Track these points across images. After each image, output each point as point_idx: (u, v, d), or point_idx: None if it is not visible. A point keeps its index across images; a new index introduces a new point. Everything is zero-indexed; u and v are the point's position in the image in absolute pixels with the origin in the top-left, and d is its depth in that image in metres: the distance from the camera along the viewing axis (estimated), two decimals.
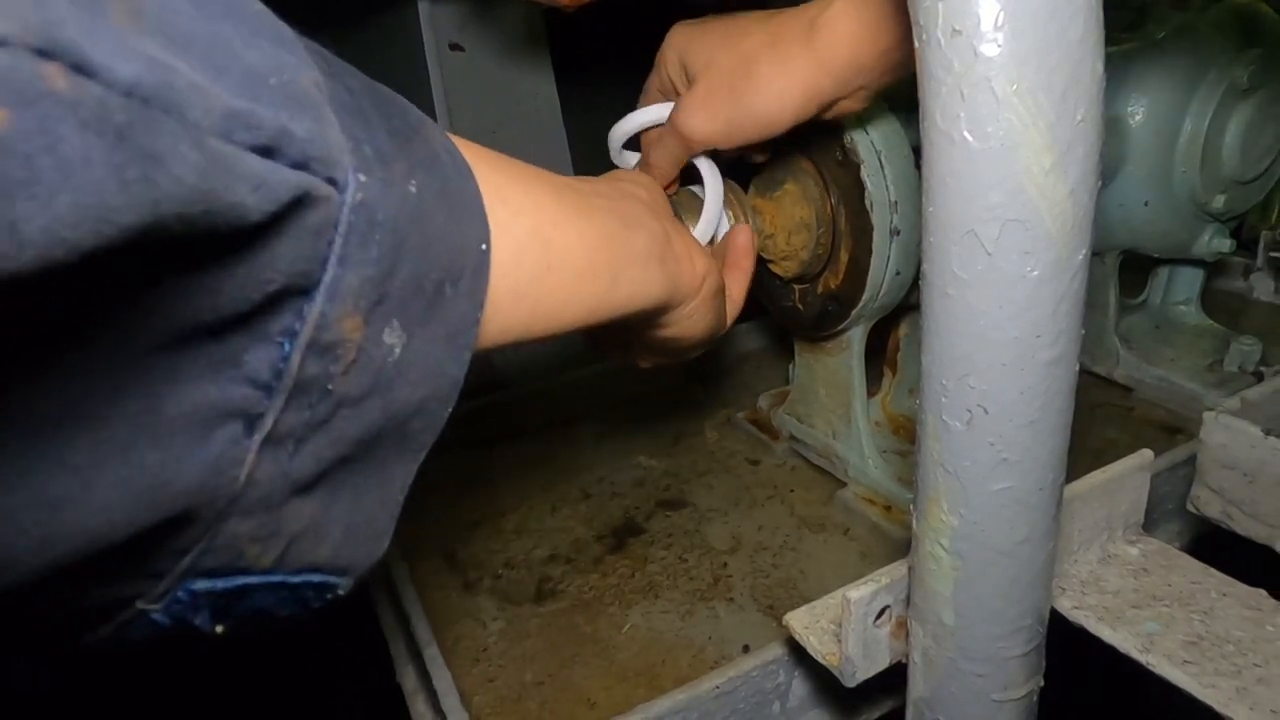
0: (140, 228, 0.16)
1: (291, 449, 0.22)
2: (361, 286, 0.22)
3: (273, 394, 0.21)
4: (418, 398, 0.25)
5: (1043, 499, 0.31)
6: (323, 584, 0.26)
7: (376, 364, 0.23)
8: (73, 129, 0.14)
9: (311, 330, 0.21)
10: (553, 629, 0.57)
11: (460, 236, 0.26)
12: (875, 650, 0.38)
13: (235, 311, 0.20)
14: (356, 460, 0.25)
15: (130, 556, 0.21)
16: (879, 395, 0.73)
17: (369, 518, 0.26)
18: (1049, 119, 0.25)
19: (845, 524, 0.65)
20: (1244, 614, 0.37)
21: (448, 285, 0.25)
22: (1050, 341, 0.28)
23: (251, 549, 0.23)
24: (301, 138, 0.19)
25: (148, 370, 0.19)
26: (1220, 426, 0.45)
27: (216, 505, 0.21)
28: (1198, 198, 0.68)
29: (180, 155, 0.16)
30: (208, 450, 0.21)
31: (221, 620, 0.24)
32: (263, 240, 0.19)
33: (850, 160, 0.57)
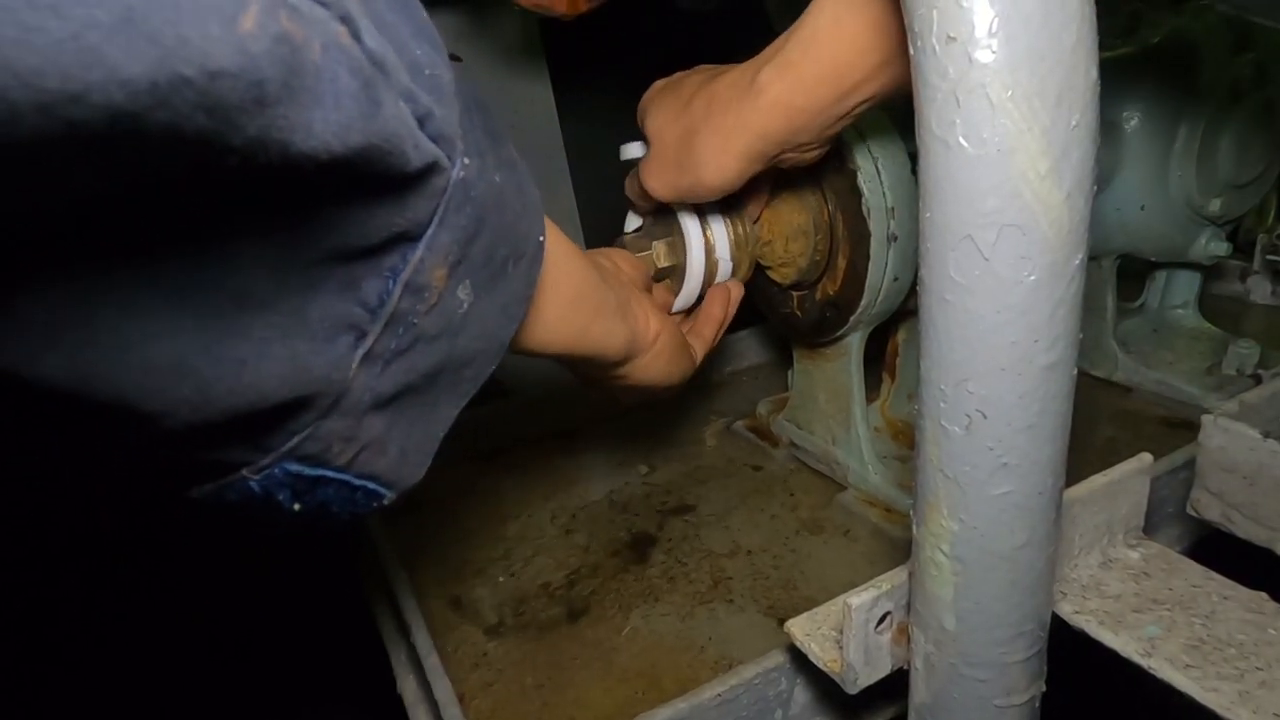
0: (361, 149, 0.22)
1: (379, 368, 0.27)
2: (450, 245, 0.27)
3: (376, 318, 0.26)
4: (474, 350, 0.31)
5: (1042, 503, 0.31)
6: (375, 491, 0.31)
7: (450, 312, 0.28)
8: (345, 71, 0.21)
9: (411, 271, 0.26)
10: (552, 633, 0.57)
11: (526, 226, 0.31)
12: (877, 656, 0.38)
13: (368, 243, 0.25)
14: (419, 391, 0.30)
15: (258, 427, 0.26)
16: (878, 401, 0.73)
17: (417, 444, 0.32)
18: (1044, 124, 0.25)
19: (845, 525, 0.65)
20: (1246, 617, 0.37)
21: (510, 263, 0.31)
22: (1048, 346, 0.28)
23: (336, 446, 0.28)
24: (439, 118, 0.25)
25: (307, 276, 0.24)
26: (1219, 429, 0.45)
27: (328, 398, 0.26)
28: (1194, 201, 0.69)
29: (388, 106, 0.22)
30: (333, 350, 0.26)
31: (298, 501, 0.28)
32: (405, 189, 0.25)
33: (847, 167, 0.57)
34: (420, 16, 0.25)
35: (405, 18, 0.24)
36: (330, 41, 0.20)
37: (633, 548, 0.65)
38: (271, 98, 0.19)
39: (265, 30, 0.18)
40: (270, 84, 0.19)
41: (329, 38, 0.20)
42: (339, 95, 0.21)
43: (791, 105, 0.44)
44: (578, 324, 0.40)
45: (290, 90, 0.19)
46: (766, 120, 0.46)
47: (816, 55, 0.43)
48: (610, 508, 0.70)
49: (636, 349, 0.46)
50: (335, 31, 0.20)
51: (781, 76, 0.44)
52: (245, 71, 0.18)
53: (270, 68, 0.19)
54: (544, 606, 0.59)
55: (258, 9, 0.18)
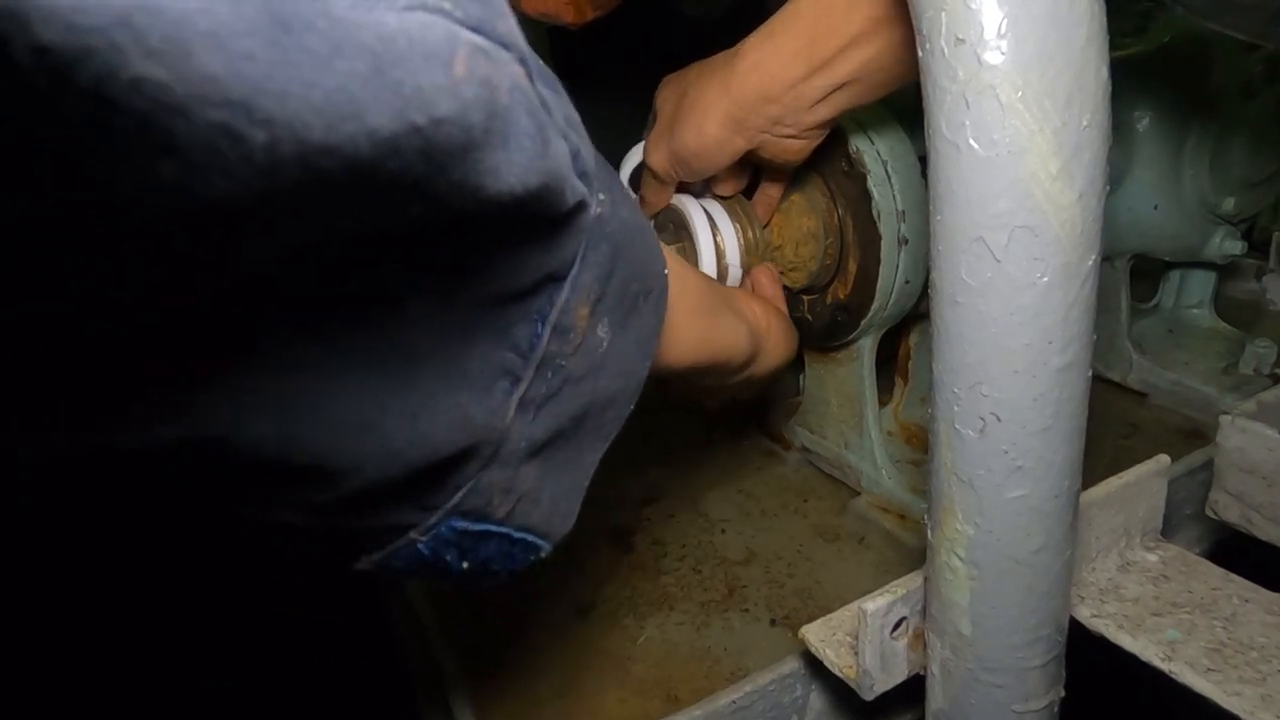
0: (536, 189, 0.22)
1: (532, 414, 0.27)
2: (591, 283, 0.27)
3: (528, 362, 0.26)
4: (614, 388, 0.31)
5: (1059, 506, 0.31)
6: (532, 544, 0.30)
7: (592, 351, 0.28)
8: (524, 113, 0.21)
9: (557, 313, 0.26)
10: (567, 641, 0.57)
11: (652, 260, 0.31)
12: (893, 662, 0.38)
13: (520, 287, 0.25)
14: (567, 437, 0.29)
15: (427, 483, 0.26)
16: (890, 404, 0.73)
17: (566, 493, 0.31)
18: (1055, 125, 0.25)
19: (860, 533, 0.65)
20: (1267, 620, 0.37)
21: (642, 298, 0.30)
22: (1062, 347, 0.28)
23: (496, 498, 0.27)
24: (583, 157, 0.25)
25: (464, 324, 0.24)
26: (1237, 430, 0.45)
27: (490, 447, 0.26)
28: (1207, 200, 0.68)
29: (555, 144, 0.23)
30: (492, 398, 0.25)
31: (464, 559, 0.28)
32: (557, 229, 0.25)
33: (856, 170, 0.57)
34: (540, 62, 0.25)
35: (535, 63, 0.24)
36: (514, 84, 0.20)
37: (645, 553, 0.65)
38: (476, 142, 0.19)
39: (474, 74, 0.19)
40: (476, 129, 0.19)
41: (513, 80, 0.20)
42: (520, 137, 0.21)
43: (766, 71, 0.46)
44: (703, 334, 0.40)
45: (488, 134, 0.19)
46: (741, 84, 0.47)
47: (795, 26, 0.45)
48: (623, 512, 0.70)
49: (758, 342, 0.45)
50: (517, 74, 0.21)
51: (761, 44, 0.47)
52: (460, 116, 0.18)
53: (476, 111, 0.19)
54: (558, 614, 0.59)
55: (466, 54, 0.18)
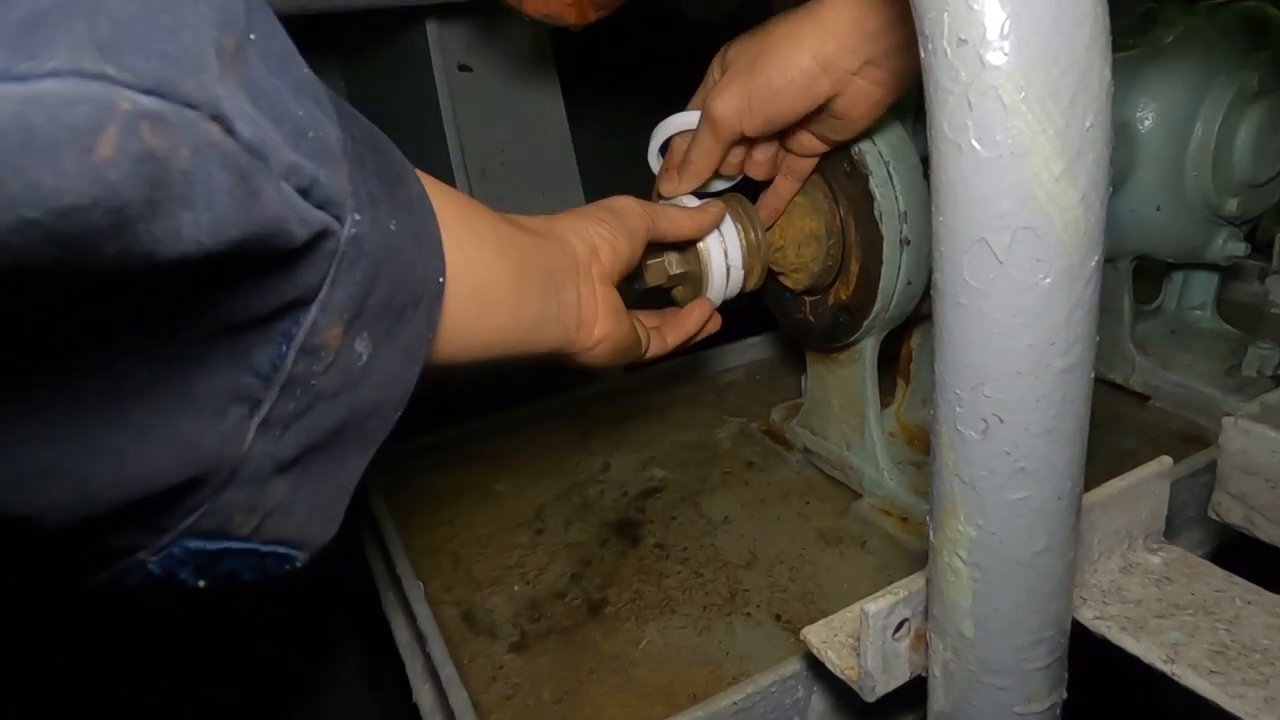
0: (238, 241, 0.21)
1: (279, 433, 0.27)
2: (345, 303, 0.27)
3: (270, 384, 0.26)
4: (377, 400, 0.30)
5: (1061, 508, 0.30)
6: (285, 555, 0.30)
7: (348, 367, 0.28)
8: (218, 169, 0.20)
9: (305, 335, 0.26)
10: (569, 645, 0.57)
11: (424, 269, 0.31)
12: (895, 664, 0.38)
13: (256, 315, 0.24)
14: (324, 449, 0.29)
15: (150, 510, 0.25)
16: (892, 406, 0.73)
17: (326, 501, 0.31)
18: (1058, 126, 0.25)
19: (862, 536, 0.64)
20: (1270, 622, 0.37)
21: (409, 308, 0.30)
22: (1065, 349, 0.27)
23: (238, 517, 0.27)
24: (325, 184, 0.24)
25: (191, 356, 0.24)
26: (1240, 432, 0.44)
27: (223, 473, 0.26)
28: (1210, 202, 0.68)
29: (268, 193, 0.22)
30: (224, 424, 0.25)
31: (202, 576, 0.28)
32: (294, 261, 0.24)
33: (858, 171, 0.57)
34: (302, 73, 0.24)
35: (286, 79, 0.23)
36: (201, 143, 0.20)
37: (648, 556, 0.65)
38: (133, 217, 0.18)
39: (125, 153, 0.18)
40: (131, 206, 0.18)
41: (200, 140, 0.20)
42: (211, 195, 0.20)
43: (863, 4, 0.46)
44: (514, 338, 0.41)
45: (154, 204, 0.19)
46: (837, 17, 0.47)
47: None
48: (624, 514, 0.70)
49: (574, 349, 0.47)
50: (206, 132, 0.20)
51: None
52: (101, 201, 0.18)
53: (131, 190, 0.18)
54: (560, 617, 0.59)
55: (116, 130, 0.17)
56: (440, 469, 0.77)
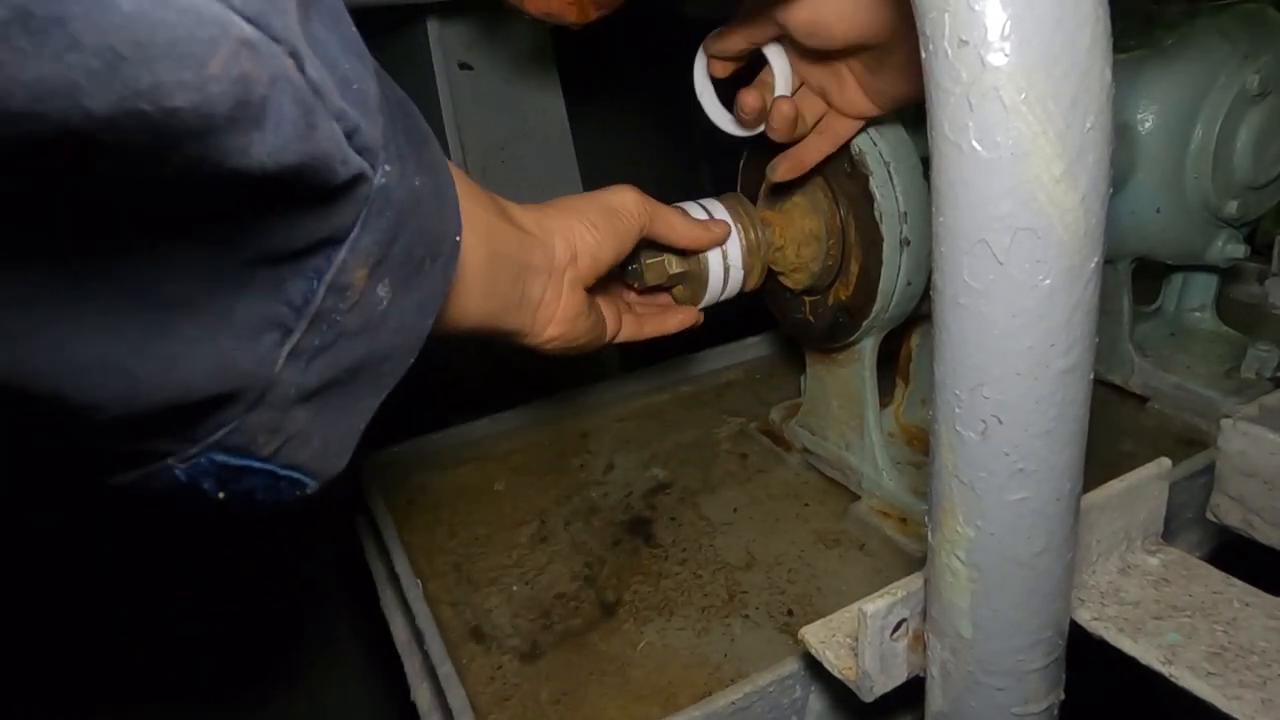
0: (293, 168, 0.24)
1: (304, 364, 0.29)
2: (371, 247, 0.29)
3: (301, 315, 0.28)
4: (393, 344, 0.33)
5: (1060, 509, 0.30)
6: (298, 480, 0.32)
7: (370, 310, 0.30)
8: (289, 100, 0.23)
9: (334, 273, 0.28)
10: (568, 646, 0.56)
11: (442, 227, 0.34)
12: (893, 664, 0.38)
13: (294, 248, 0.27)
14: (342, 385, 0.31)
15: (186, 419, 0.28)
16: (892, 406, 0.73)
17: (340, 435, 0.33)
18: (1059, 127, 0.25)
19: (860, 539, 0.65)
20: (1268, 624, 0.37)
21: (427, 261, 0.33)
22: (1064, 350, 0.27)
23: (261, 438, 0.29)
24: (364, 132, 0.26)
25: (234, 279, 0.26)
26: (1239, 434, 0.44)
27: (254, 393, 0.28)
28: (1210, 204, 0.68)
29: (323, 129, 0.24)
30: (258, 347, 0.27)
31: (223, 489, 0.30)
32: (332, 199, 0.26)
33: (859, 171, 0.57)
34: (349, 30, 0.27)
35: (336, 33, 0.26)
36: (279, 74, 0.22)
37: (647, 557, 0.65)
38: (216, 127, 0.21)
39: (229, 73, 0.21)
40: (218, 117, 0.21)
41: (278, 71, 0.22)
42: (280, 121, 0.23)
43: None
44: (480, 316, 0.44)
45: (233, 120, 0.21)
46: None
47: None
48: (624, 514, 0.70)
49: (526, 339, 0.49)
50: (285, 65, 0.23)
51: None
52: (200, 108, 0.20)
53: (223, 104, 0.21)
54: (558, 618, 0.59)
55: (226, 52, 0.20)
56: (439, 469, 0.77)
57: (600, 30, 0.56)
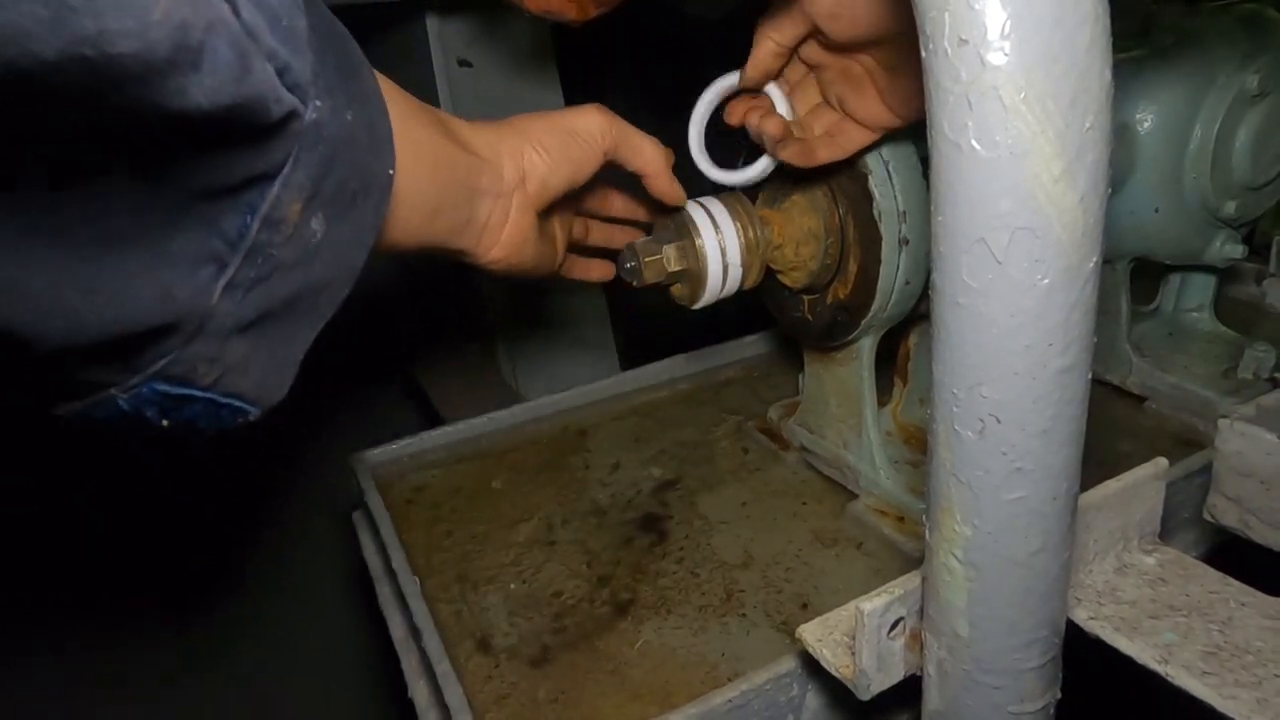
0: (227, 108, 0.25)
1: (240, 296, 0.30)
2: (304, 182, 0.30)
3: (236, 250, 0.29)
4: (328, 276, 0.34)
5: (1057, 508, 0.31)
6: (239, 409, 0.34)
7: (305, 242, 0.32)
8: (224, 44, 0.24)
9: (268, 207, 0.29)
10: (565, 645, 0.57)
11: (375, 161, 0.35)
12: (889, 662, 0.38)
13: (228, 184, 0.28)
14: (279, 316, 0.33)
15: (128, 350, 0.29)
16: (890, 405, 0.73)
17: (278, 366, 0.35)
18: (1058, 127, 0.25)
19: (858, 538, 0.65)
20: (1264, 624, 0.37)
21: (360, 196, 0.34)
22: (1062, 350, 0.28)
23: (201, 368, 0.31)
24: (295, 69, 0.28)
25: (169, 215, 0.28)
26: (1236, 434, 0.45)
27: (192, 324, 0.30)
28: (1209, 204, 0.68)
29: (257, 70, 0.26)
30: (195, 281, 0.29)
31: (165, 418, 0.32)
32: (265, 138, 0.28)
33: (858, 170, 0.57)
34: None
35: None
36: (215, 20, 0.24)
37: (643, 555, 0.65)
38: (156, 71, 0.23)
39: (170, 19, 0.22)
40: (158, 62, 0.23)
41: (215, 17, 0.24)
42: (216, 65, 0.24)
43: None
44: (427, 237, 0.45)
45: (173, 64, 0.23)
46: None
47: None
48: (621, 512, 0.70)
49: (475, 258, 0.50)
50: (221, 11, 0.24)
51: None
52: (141, 54, 0.22)
53: (163, 49, 0.23)
54: (556, 616, 0.59)
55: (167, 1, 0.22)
56: (437, 466, 0.77)
57: (600, 28, 0.56)
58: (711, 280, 0.58)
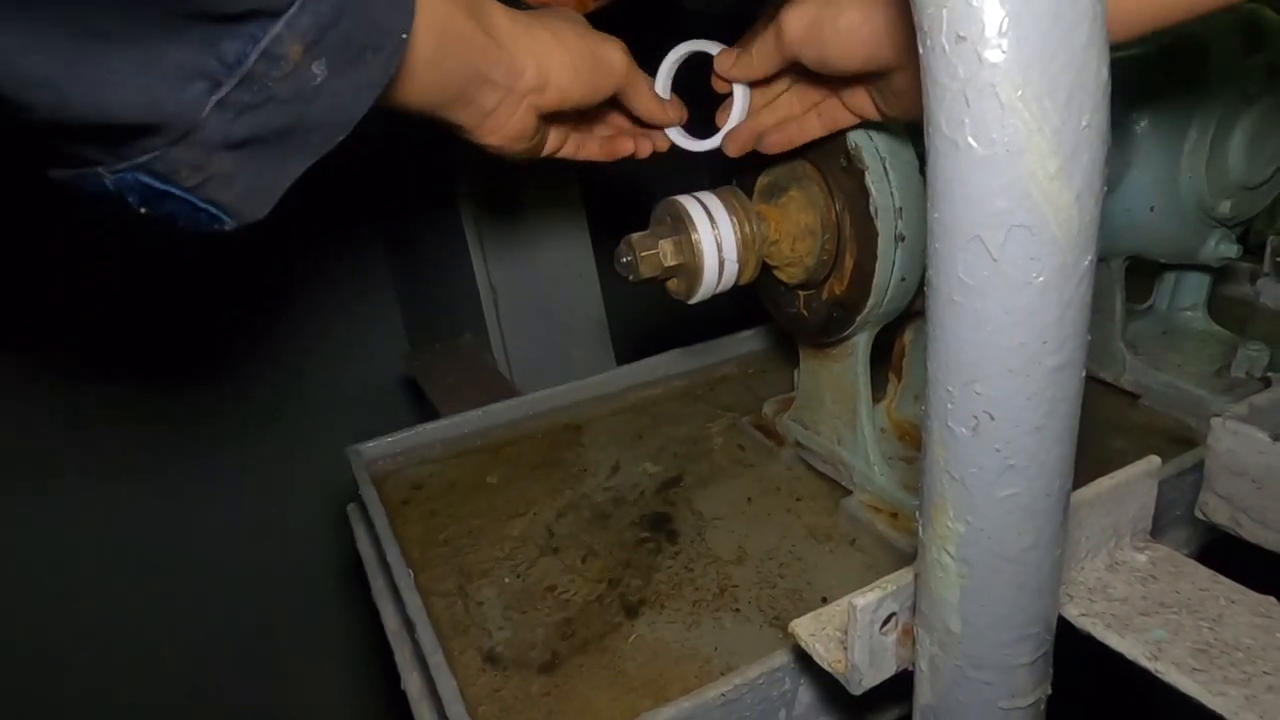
0: None
1: (231, 116, 0.33)
2: (309, 28, 0.33)
3: (232, 73, 0.32)
4: (323, 119, 0.36)
5: (1050, 505, 0.31)
6: (216, 216, 0.37)
7: (303, 83, 0.34)
8: None
9: (269, 42, 0.32)
10: (559, 639, 0.57)
11: (388, 22, 0.37)
12: (881, 658, 0.38)
13: (229, 11, 0.31)
14: (269, 143, 0.36)
15: (113, 137, 0.32)
16: (884, 401, 0.73)
17: (263, 188, 0.37)
18: (1054, 124, 0.25)
19: (851, 534, 0.65)
20: (1253, 621, 0.37)
21: (368, 52, 0.36)
22: (1056, 347, 0.28)
23: (184, 171, 0.34)
24: None
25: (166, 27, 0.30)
26: (1228, 432, 0.45)
27: (177, 130, 0.33)
28: (1204, 203, 0.68)
29: None
30: (186, 92, 0.32)
31: (144, 205, 0.35)
32: None
33: (855, 166, 0.57)
34: None
35: None
36: None
37: (638, 550, 0.65)
38: None
39: None
40: None
41: None
42: None
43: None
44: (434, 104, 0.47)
45: None
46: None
47: None
48: (615, 507, 0.70)
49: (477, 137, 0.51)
50: None
51: None
52: None
53: None
54: (550, 609, 0.59)
55: None
56: (432, 460, 0.77)
57: (599, 23, 0.56)
58: (707, 275, 0.58)
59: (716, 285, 0.60)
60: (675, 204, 0.59)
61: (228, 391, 1.30)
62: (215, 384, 1.29)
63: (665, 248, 0.58)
